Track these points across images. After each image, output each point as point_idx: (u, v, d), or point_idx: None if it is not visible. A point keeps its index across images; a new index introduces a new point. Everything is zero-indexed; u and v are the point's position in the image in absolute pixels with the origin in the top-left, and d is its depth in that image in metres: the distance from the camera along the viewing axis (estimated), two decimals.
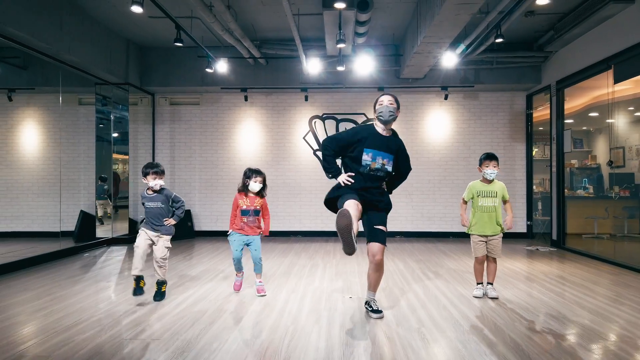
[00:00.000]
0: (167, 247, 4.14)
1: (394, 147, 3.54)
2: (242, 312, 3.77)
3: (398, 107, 3.57)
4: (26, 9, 5.46)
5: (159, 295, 4.10)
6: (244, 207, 4.28)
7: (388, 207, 3.60)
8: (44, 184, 8.57)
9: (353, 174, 3.46)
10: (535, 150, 9.08)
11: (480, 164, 4.19)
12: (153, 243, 4.12)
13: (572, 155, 8.48)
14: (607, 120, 6.90)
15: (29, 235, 8.38)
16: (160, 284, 4.13)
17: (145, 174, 4.12)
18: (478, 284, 4.28)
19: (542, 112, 8.46)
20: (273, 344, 3.03)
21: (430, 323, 3.47)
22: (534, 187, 8.95)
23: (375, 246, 3.44)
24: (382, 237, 3.46)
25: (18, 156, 8.55)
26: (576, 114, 8.33)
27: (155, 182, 4.10)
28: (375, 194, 3.50)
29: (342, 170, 3.58)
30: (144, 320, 3.52)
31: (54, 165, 8.50)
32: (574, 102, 8.04)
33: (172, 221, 4.19)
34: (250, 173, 4.33)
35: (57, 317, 3.61)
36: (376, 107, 3.56)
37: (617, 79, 6.02)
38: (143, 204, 4.17)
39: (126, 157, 8.75)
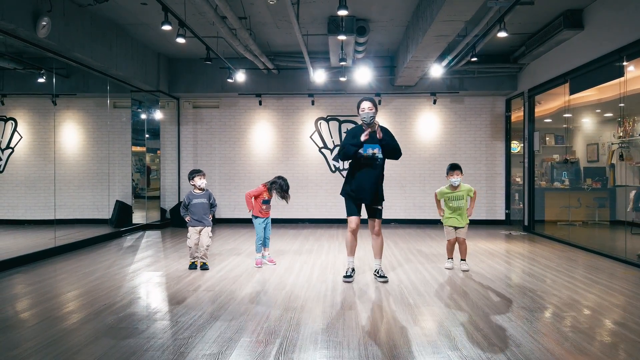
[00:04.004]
0: (210, 237, 5.44)
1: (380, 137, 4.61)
2: (267, 275, 5.07)
3: (376, 109, 4.69)
4: (87, 36, 6.71)
5: (206, 267, 5.40)
6: (266, 197, 5.64)
7: (383, 198, 4.81)
8: (84, 177, 9.85)
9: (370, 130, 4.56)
10: (520, 146, 10.25)
11: (447, 174, 5.37)
12: (199, 235, 5.40)
13: (554, 150, 9.64)
14: (564, 125, 8.13)
15: (71, 222, 9.60)
16: (203, 262, 5.42)
17: (192, 177, 5.39)
18: (449, 258, 5.53)
19: (519, 114, 9.66)
20: (294, 292, 4.32)
21: (408, 282, 4.76)
22: (518, 179, 10.15)
23: (375, 220, 4.76)
24: (379, 214, 4.77)
25: (60, 153, 9.81)
26: (553, 114, 9.50)
27: (202, 182, 5.38)
28: (372, 187, 4.65)
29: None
30: (197, 280, 4.83)
31: (93, 161, 9.79)
32: (551, 104, 9.19)
33: (210, 215, 5.49)
34: (279, 186, 5.59)
35: (133, 277, 4.92)
36: (359, 112, 4.70)
37: (572, 91, 7.25)
38: (190, 202, 5.37)
39: (157, 153, 10.02)
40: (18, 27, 5.32)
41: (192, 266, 5.39)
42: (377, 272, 4.89)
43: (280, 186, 5.58)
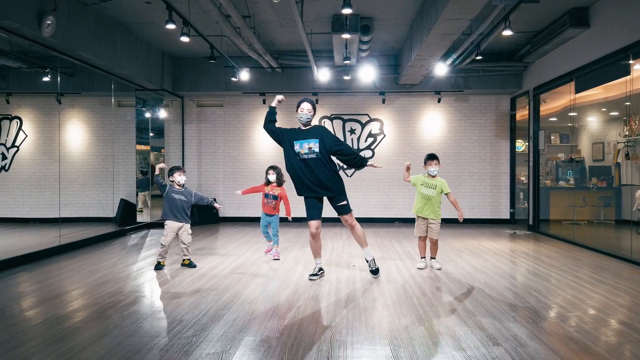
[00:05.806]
0: (190, 234, 5.37)
1: (317, 133, 4.60)
2: (271, 274, 5.07)
3: (314, 111, 4.71)
4: (92, 34, 6.72)
5: (192, 264, 5.39)
6: (266, 191, 5.98)
7: (342, 191, 4.77)
8: (88, 176, 9.88)
9: (282, 98, 4.79)
10: (525, 145, 10.20)
11: (425, 163, 5.35)
12: (176, 235, 5.32)
13: (559, 149, 9.58)
14: (569, 124, 8.09)
15: (75, 220, 9.61)
16: (189, 260, 5.41)
17: (172, 173, 5.35)
18: (422, 257, 5.47)
19: (524, 113, 9.61)
20: (298, 291, 4.32)
21: (412, 281, 4.75)
22: (523, 178, 10.10)
23: (344, 217, 4.82)
24: (346, 209, 4.79)
25: (65, 151, 9.84)
26: (559, 112, 9.45)
27: (181, 178, 5.34)
28: (323, 182, 4.62)
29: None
30: (201, 279, 4.83)
31: (98, 159, 9.81)
32: (556, 103, 9.14)
33: (218, 206, 5.60)
34: (267, 169, 6.06)
35: (137, 275, 4.93)
36: (298, 112, 4.70)
37: (578, 90, 7.20)
38: (169, 195, 5.26)
39: (161, 152, 10.04)
40: (23, 26, 5.33)
41: (158, 266, 5.26)
42: (369, 264, 4.97)
43: (269, 168, 6.00)
